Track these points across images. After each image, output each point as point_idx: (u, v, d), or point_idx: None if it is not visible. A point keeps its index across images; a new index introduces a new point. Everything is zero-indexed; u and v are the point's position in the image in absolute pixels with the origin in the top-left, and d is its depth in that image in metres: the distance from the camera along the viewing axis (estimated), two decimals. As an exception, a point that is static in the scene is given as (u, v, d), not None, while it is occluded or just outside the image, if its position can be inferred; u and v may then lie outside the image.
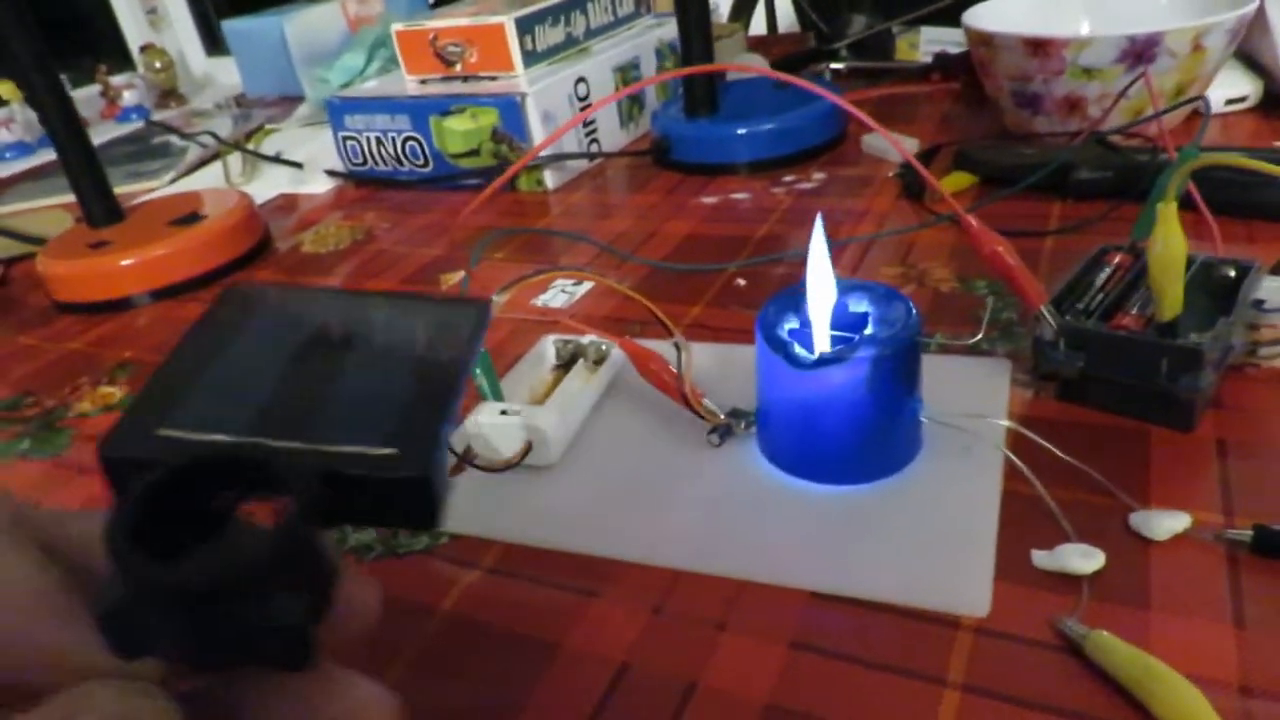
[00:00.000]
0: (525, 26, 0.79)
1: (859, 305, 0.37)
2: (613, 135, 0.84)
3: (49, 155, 2.04)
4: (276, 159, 0.96)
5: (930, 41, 0.91)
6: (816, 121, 0.75)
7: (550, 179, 0.77)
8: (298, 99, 1.35)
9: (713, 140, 0.75)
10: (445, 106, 0.77)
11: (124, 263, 0.67)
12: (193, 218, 0.71)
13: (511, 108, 0.74)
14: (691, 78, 0.77)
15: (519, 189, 0.78)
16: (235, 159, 1.02)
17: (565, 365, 0.47)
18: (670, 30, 0.91)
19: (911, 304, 0.36)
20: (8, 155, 2.05)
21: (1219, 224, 0.50)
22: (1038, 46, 0.63)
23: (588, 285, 0.58)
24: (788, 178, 0.71)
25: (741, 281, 0.55)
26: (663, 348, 0.41)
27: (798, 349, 0.34)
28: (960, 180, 0.63)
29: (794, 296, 0.38)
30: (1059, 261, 0.52)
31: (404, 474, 0.16)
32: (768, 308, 0.37)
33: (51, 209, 0.97)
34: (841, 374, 0.34)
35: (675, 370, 0.40)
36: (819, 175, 0.71)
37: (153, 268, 0.67)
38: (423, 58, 0.84)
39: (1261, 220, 0.52)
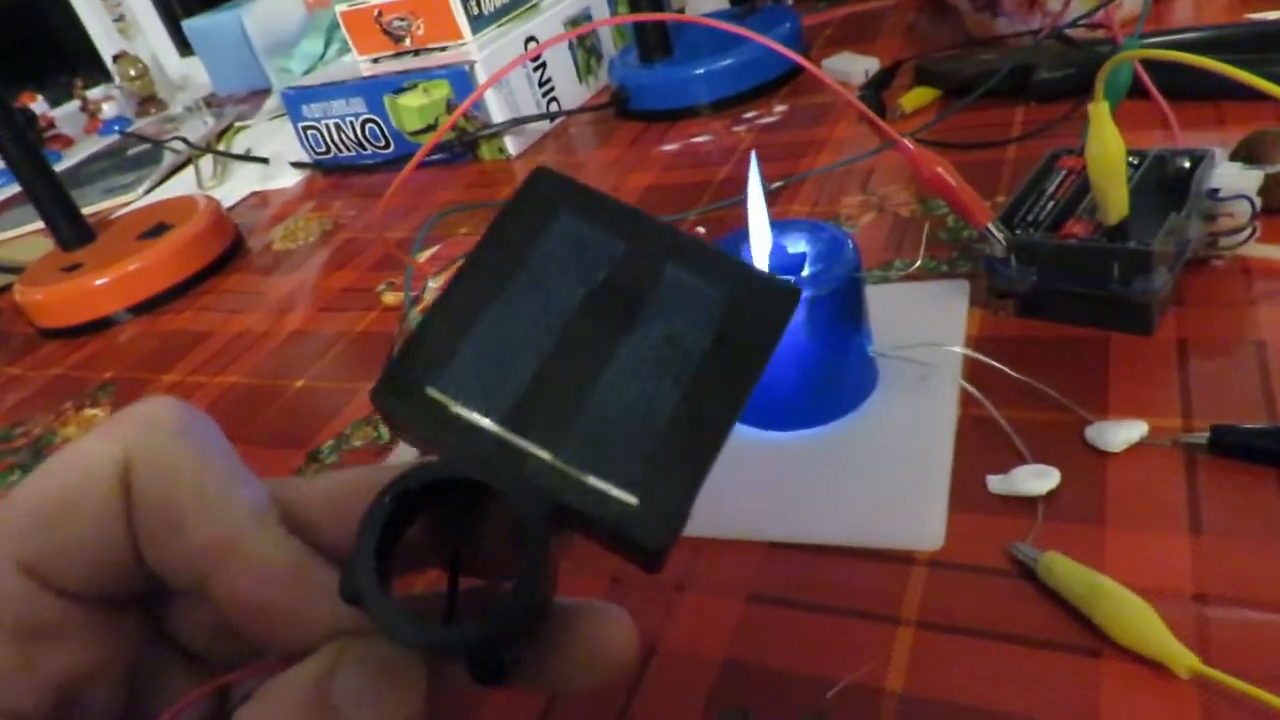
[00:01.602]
0: (468, -9, 0.77)
1: (797, 245, 0.36)
2: (571, 91, 0.82)
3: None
4: (243, 157, 0.95)
5: (890, -49, 0.87)
6: (775, 52, 0.73)
7: (512, 145, 0.76)
8: (267, 91, 1.34)
9: (671, 85, 0.73)
10: (397, 84, 0.76)
11: (98, 283, 0.67)
12: (161, 229, 0.71)
13: (461, 78, 0.73)
14: (642, 22, 0.75)
15: (482, 159, 0.77)
16: (207, 162, 1.02)
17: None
18: (621, -26, 0.88)
19: (850, 240, 0.35)
20: (-5, 183, 2.06)
21: (1187, 109, 0.49)
22: (988, -55, 0.60)
23: (550, 251, 0.57)
24: (749, 114, 0.70)
25: (701, 230, 0.54)
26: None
27: (734, 299, 0.34)
28: (923, 95, 0.61)
29: (733, 244, 0.37)
30: (1023, 169, 0.50)
31: (639, 540, 0.16)
32: (706, 259, 0.37)
33: (34, 235, 0.98)
34: (779, 320, 0.33)
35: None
36: (780, 108, 0.69)
37: (127, 284, 0.68)
38: (371, 36, 0.82)
39: (1229, 101, 0.49)
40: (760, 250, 0.35)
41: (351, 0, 0.82)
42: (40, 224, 1.00)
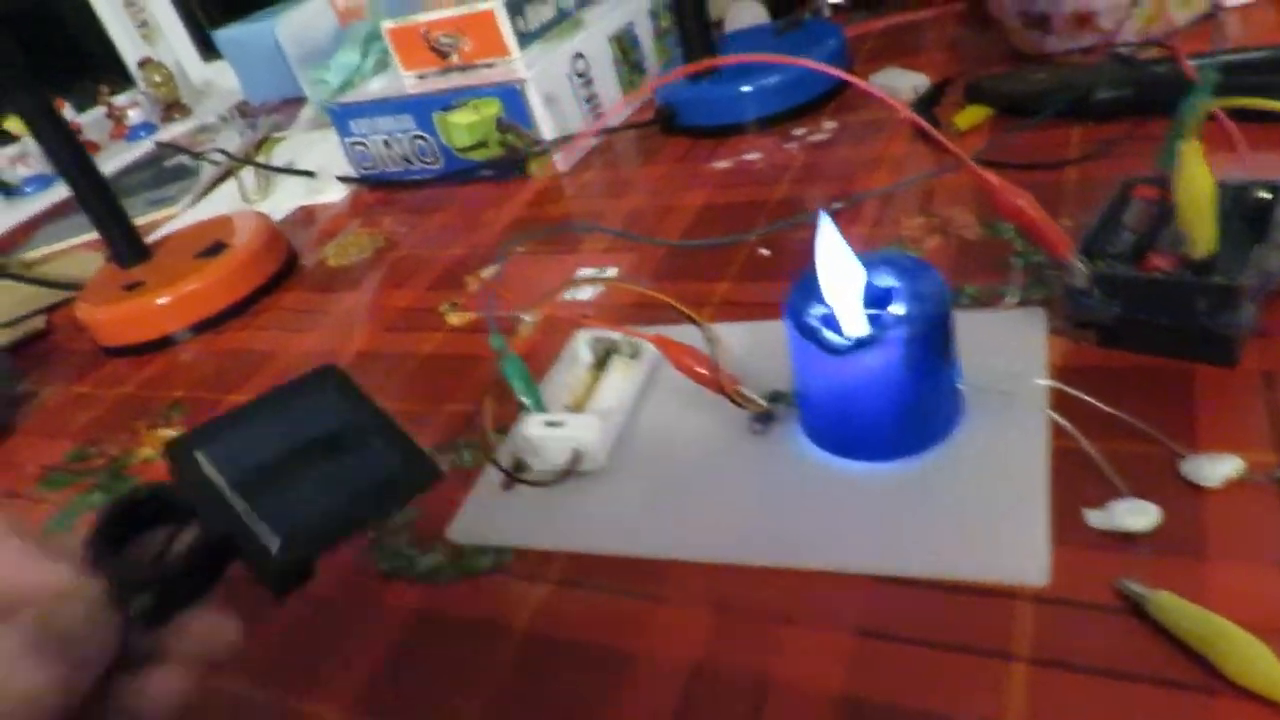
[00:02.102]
0: (515, 8, 0.78)
1: (884, 279, 0.37)
2: (614, 102, 0.83)
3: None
4: (288, 170, 0.96)
5: (929, -37, 0.88)
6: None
7: (560, 161, 0.77)
8: (300, 100, 1.35)
9: (718, 101, 0.74)
10: (446, 102, 0.77)
11: (160, 302, 0.68)
12: (218, 248, 0.72)
13: (513, 96, 0.74)
14: (689, 38, 0.75)
15: (531, 174, 0.78)
16: (249, 174, 1.03)
17: (601, 363, 0.47)
18: (661, -12, 0.89)
19: (938, 275, 0.36)
20: (28, 189, 2.08)
21: (1254, 130, 0.49)
22: (1041, -36, 0.61)
23: (614, 273, 0.58)
24: (798, 131, 0.70)
25: (765, 251, 0.55)
26: (694, 335, 0.41)
27: (829, 335, 0.35)
28: (975, 114, 0.62)
29: (806, 287, 0.37)
30: (1086, 192, 0.51)
31: (267, 564, 0.25)
32: (794, 292, 0.37)
33: (80, 249, 0.99)
34: (877, 356, 0.34)
35: (709, 361, 0.40)
36: (830, 124, 0.70)
37: (188, 304, 0.69)
38: (417, 52, 0.83)
39: (1292, 123, 0.50)
40: (852, 293, 0.35)
41: (398, 17, 0.83)
42: (87, 236, 1.01)
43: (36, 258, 1.02)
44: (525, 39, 0.80)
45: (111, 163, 1.50)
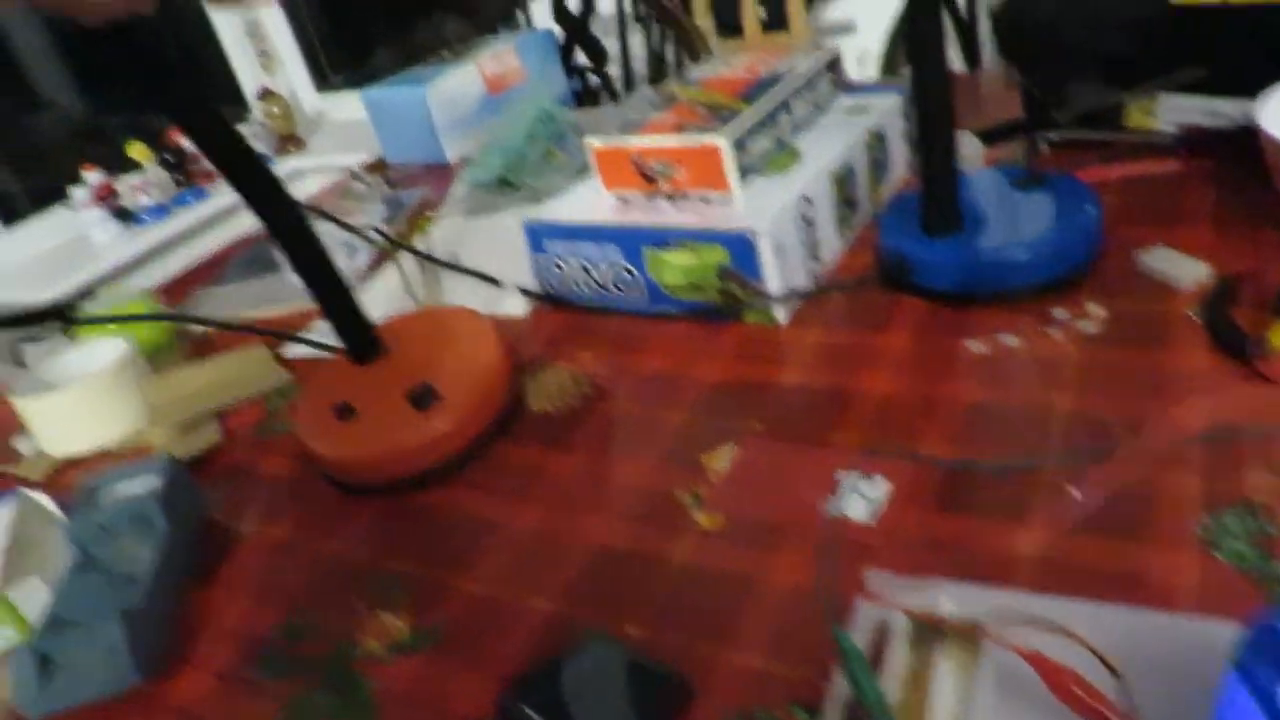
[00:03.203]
0: (740, 143, 0.74)
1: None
2: (830, 245, 0.78)
3: (184, 216, 2.09)
4: (467, 271, 0.92)
5: (1172, 110, 0.82)
6: (1079, 238, 0.68)
7: (780, 313, 0.72)
8: (442, 168, 1.33)
9: (961, 265, 0.68)
10: (662, 239, 0.73)
11: (373, 451, 0.64)
12: (428, 396, 0.67)
13: (743, 246, 0.69)
14: (932, 188, 0.70)
15: (745, 322, 0.73)
16: (408, 258, 1.00)
17: (920, 639, 0.42)
18: (872, 118, 0.84)
19: None
20: (145, 218, 2.10)
21: None
22: (1381, 175, 0.55)
23: (884, 489, 0.53)
24: (1058, 312, 0.64)
25: (1076, 494, 0.49)
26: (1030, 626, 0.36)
27: (1330, 749, 0.29)
28: (1291, 332, 0.56)
29: (1273, 632, 0.32)
30: None
31: None
32: (1248, 648, 0.32)
33: (244, 337, 0.95)
34: (1398, 790, 0.28)
35: (1110, 702, 0.35)
36: (1096, 310, 0.64)
37: (402, 456, 0.64)
38: (623, 174, 0.79)
39: None
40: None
41: (607, 137, 0.79)
42: (265, 311, 0.98)
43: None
44: (743, 172, 0.75)
45: (230, 198, 1.50)
